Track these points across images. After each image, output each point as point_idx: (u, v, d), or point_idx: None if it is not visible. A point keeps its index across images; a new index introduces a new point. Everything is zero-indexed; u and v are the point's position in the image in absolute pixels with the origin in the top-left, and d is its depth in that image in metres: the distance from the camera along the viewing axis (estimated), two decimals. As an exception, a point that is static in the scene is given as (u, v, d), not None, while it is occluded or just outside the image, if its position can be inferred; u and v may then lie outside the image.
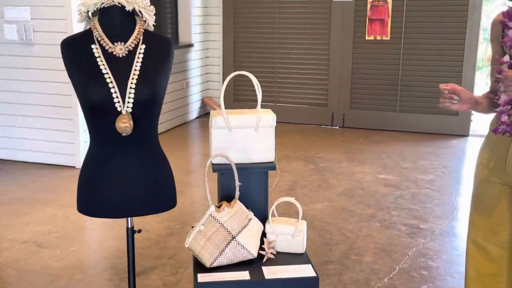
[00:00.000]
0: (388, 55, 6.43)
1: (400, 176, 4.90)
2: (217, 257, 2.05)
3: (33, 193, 4.37)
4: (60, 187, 4.53)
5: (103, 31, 1.88)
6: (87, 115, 1.90)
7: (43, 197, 4.29)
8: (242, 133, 2.19)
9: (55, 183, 4.61)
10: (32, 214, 3.96)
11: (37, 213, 3.99)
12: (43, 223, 3.81)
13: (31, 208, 4.08)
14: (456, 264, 3.29)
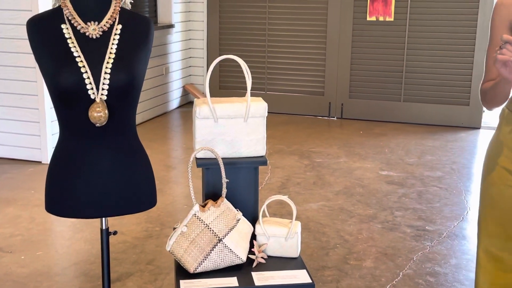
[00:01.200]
0: (391, 38, 6.46)
1: (404, 172, 4.93)
2: (201, 262, 2.06)
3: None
4: (25, 184, 4.51)
5: (74, 9, 1.87)
6: (57, 103, 1.89)
7: (5, 196, 4.27)
8: (229, 124, 2.19)
9: (18, 180, 4.59)
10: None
11: (0, 213, 3.99)
12: (5, 225, 3.79)
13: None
14: (466, 269, 3.31)
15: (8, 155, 5.05)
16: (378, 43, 6.50)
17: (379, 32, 6.48)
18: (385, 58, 6.50)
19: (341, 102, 6.75)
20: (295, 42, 6.78)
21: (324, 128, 6.35)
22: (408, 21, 6.33)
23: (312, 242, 3.61)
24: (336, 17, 6.55)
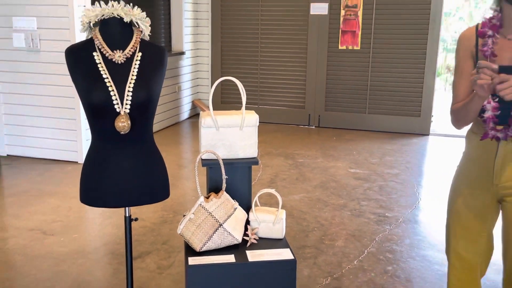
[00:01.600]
0: (358, 63, 6.47)
1: (368, 170, 4.94)
2: (205, 243, 2.05)
3: (39, 186, 4.34)
4: (64, 180, 4.49)
5: (103, 40, 1.88)
6: (89, 115, 1.89)
7: (48, 190, 4.26)
8: (228, 132, 2.19)
9: (59, 177, 4.58)
10: (38, 205, 3.94)
11: (43, 203, 3.96)
12: (48, 213, 3.78)
13: (37, 199, 4.05)
14: (417, 248, 3.32)
15: (51, 156, 5.03)
16: (347, 67, 6.52)
17: (348, 58, 6.49)
18: (353, 79, 6.51)
19: (318, 114, 6.76)
20: (282, 66, 6.79)
21: (304, 135, 6.36)
22: (372, 50, 6.35)
23: (294, 226, 3.62)
24: (314, 46, 6.57)
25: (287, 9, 6.61)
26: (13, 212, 3.80)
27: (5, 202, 4.00)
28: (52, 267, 3.00)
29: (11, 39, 4.87)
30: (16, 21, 4.82)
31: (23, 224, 3.59)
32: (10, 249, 3.23)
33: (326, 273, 2.99)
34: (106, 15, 1.85)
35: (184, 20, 6.73)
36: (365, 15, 6.30)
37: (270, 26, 6.72)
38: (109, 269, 3.00)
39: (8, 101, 5.04)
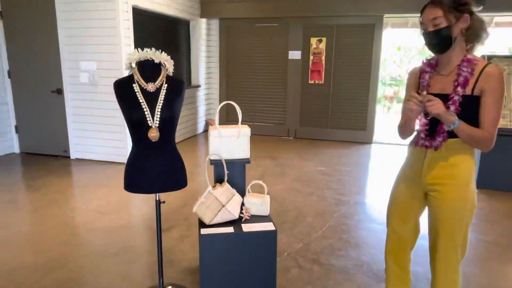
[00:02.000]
0: (322, 93, 6.48)
1: (330, 168, 4.95)
2: (213, 218, 2.05)
3: (98, 180, 4.32)
4: (115, 175, 4.48)
5: (140, 75, 1.89)
6: (130, 128, 1.90)
7: (104, 182, 4.24)
8: (229, 140, 2.20)
9: (111, 173, 4.56)
10: (97, 193, 3.92)
11: (100, 192, 3.94)
12: (102, 199, 3.77)
13: (96, 189, 4.03)
14: (363, 222, 3.32)
15: (105, 159, 5.01)
16: (315, 95, 6.53)
17: (315, 89, 6.51)
18: (319, 104, 6.52)
19: (295, 128, 6.76)
20: (268, 94, 6.79)
21: (285, 143, 6.37)
22: (332, 83, 6.38)
23: (277, 207, 3.61)
24: (291, 81, 6.59)
25: (272, 55, 6.64)
26: (79, 198, 3.78)
27: (74, 191, 3.98)
28: (105, 236, 2.99)
29: (78, 76, 4.87)
30: (82, 64, 4.82)
31: (86, 206, 3.57)
32: (76, 224, 3.21)
33: (299, 240, 2.99)
34: (143, 58, 1.87)
35: (200, 62, 6.74)
36: (327, 59, 6.33)
37: (261, 66, 6.74)
38: (146, 237, 2.99)
39: (76, 120, 5.03)
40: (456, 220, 1.64)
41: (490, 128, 1.56)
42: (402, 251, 1.93)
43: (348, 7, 5.99)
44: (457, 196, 1.64)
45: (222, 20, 6.77)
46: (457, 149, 1.64)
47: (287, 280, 2.44)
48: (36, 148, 5.30)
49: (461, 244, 1.69)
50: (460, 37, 1.60)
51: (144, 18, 5.24)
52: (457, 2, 1.56)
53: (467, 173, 1.64)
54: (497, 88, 1.54)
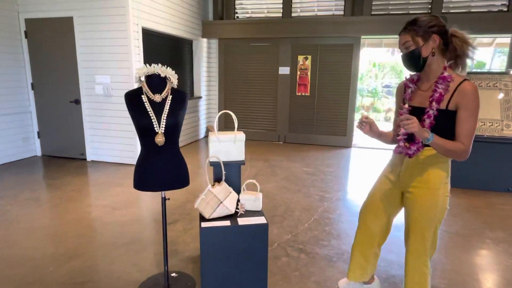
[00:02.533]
0: (308, 103, 6.50)
1: (315, 168, 4.95)
2: (212, 213, 2.04)
3: (111, 179, 4.28)
4: (126, 175, 4.44)
5: (148, 87, 1.88)
6: (139, 134, 1.88)
7: (116, 182, 4.20)
8: (226, 144, 2.19)
9: (123, 174, 4.53)
10: (110, 191, 3.88)
11: (113, 190, 3.91)
12: (116, 196, 3.73)
13: (109, 187, 3.99)
14: (344, 215, 3.33)
15: (118, 161, 4.97)
16: (302, 106, 6.55)
17: (302, 101, 6.52)
18: (305, 113, 6.54)
19: (285, 134, 6.77)
20: (261, 104, 6.80)
21: (276, 147, 6.37)
22: (316, 95, 6.41)
23: (268, 203, 3.60)
24: (281, 93, 6.60)
25: (264, 70, 6.65)
26: (94, 196, 3.74)
27: (89, 189, 3.94)
28: (117, 229, 2.96)
29: (94, 88, 4.84)
30: (97, 78, 4.79)
31: (100, 203, 3.54)
32: (92, 218, 3.18)
33: (288, 232, 2.98)
34: (150, 72, 1.86)
35: (201, 76, 6.74)
36: (312, 74, 6.36)
37: (254, 80, 6.75)
38: (153, 230, 2.97)
39: (92, 127, 4.99)
40: (426, 219, 1.63)
41: (465, 140, 1.52)
42: (370, 245, 1.87)
43: (330, 29, 6.04)
44: (428, 199, 1.61)
45: (221, 40, 6.78)
46: (431, 157, 1.61)
47: (277, 267, 2.44)
48: (56, 151, 5.25)
49: (431, 241, 1.66)
50: (435, 56, 1.56)
51: (152, 38, 5.24)
52: (422, 26, 1.55)
53: (438, 178, 1.61)
54: (471, 103, 1.49)
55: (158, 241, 2.77)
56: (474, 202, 3.77)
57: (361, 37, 6.01)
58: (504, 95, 4.09)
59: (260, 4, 6.58)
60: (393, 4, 5.94)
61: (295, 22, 6.20)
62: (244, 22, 6.46)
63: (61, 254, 2.56)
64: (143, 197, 3.74)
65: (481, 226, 3.16)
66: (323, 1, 6.26)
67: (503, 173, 4.06)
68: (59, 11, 4.76)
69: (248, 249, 2.04)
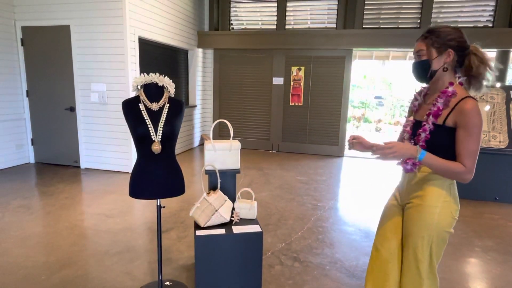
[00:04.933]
0: (301, 113, 6.54)
1: (308, 177, 4.96)
2: (207, 221, 2.02)
3: (105, 187, 4.23)
4: (120, 183, 4.39)
5: (145, 96, 1.87)
6: (136, 142, 1.87)
7: (110, 189, 4.15)
8: (222, 153, 2.19)
9: (117, 181, 4.47)
10: (104, 198, 3.83)
11: (106, 198, 3.85)
12: (109, 203, 3.68)
13: (103, 195, 3.94)
14: (337, 224, 3.32)
15: (112, 168, 4.91)
16: (295, 116, 6.58)
17: (295, 110, 6.56)
18: (299, 122, 6.58)
19: (278, 143, 6.78)
20: (256, 114, 6.82)
21: (269, 156, 6.37)
22: (309, 105, 6.45)
23: (262, 211, 3.59)
24: (275, 103, 6.64)
25: (259, 81, 6.69)
26: (87, 203, 3.68)
27: (82, 197, 3.88)
28: (111, 237, 2.91)
29: (89, 96, 4.80)
30: (93, 86, 4.76)
31: (93, 210, 3.48)
32: (85, 226, 3.12)
33: (282, 240, 2.96)
34: (148, 81, 1.86)
35: (197, 85, 6.74)
36: (305, 85, 6.41)
37: (249, 90, 6.78)
38: (147, 238, 2.92)
39: (87, 134, 4.93)
40: (417, 237, 1.47)
41: (465, 161, 1.37)
42: (383, 274, 1.60)
43: (323, 41, 6.12)
44: (420, 216, 1.47)
45: (216, 50, 6.82)
46: (430, 174, 1.48)
47: (271, 276, 2.41)
48: (50, 158, 5.18)
49: (426, 265, 1.48)
50: (446, 71, 1.46)
51: (149, 47, 5.25)
52: (440, 38, 1.43)
53: (435, 196, 1.46)
54: (469, 122, 1.36)
55: (152, 250, 2.73)
56: (463, 211, 3.80)
57: (352, 49, 6.10)
58: (490, 107, 4.17)
59: (255, 16, 6.66)
60: (383, 18, 6.06)
61: (289, 34, 6.28)
62: (239, 33, 6.52)
63: (53, 263, 2.50)
64: (136, 205, 3.69)
65: (470, 235, 3.18)
66: (316, 14, 6.36)
67: (490, 182, 4.12)
68: (56, 20, 4.75)
69: (243, 257, 2.02)
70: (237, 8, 6.73)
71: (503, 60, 5.75)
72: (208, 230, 2.01)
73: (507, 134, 4.01)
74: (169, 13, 5.59)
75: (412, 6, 5.92)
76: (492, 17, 5.70)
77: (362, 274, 2.46)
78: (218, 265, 2.00)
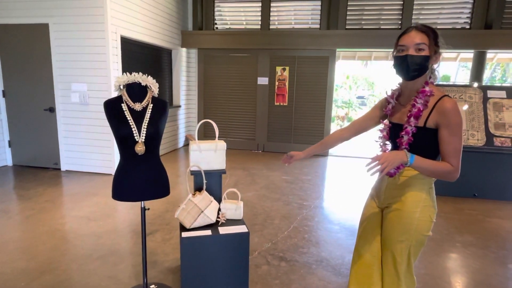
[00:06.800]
0: (286, 113, 6.56)
1: (293, 177, 4.98)
2: (193, 222, 2.00)
3: (87, 189, 4.12)
4: (103, 185, 4.29)
5: (128, 96, 1.83)
6: (119, 143, 1.82)
7: (92, 191, 4.05)
8: (207, 153, 2.16)
9: (99, 183, 4.37)
10: (85, 201, 3.73)
11: (89, 200, 3.76)
12: (92, 206, 3.59)
13: (85, 198, 3.84)
14: (322, 223, 3.34)
15: (94, 170, 4.79)
16: (280, 116, 6.60)
17: (280, 110, 6.58)
18: (283, 122, 6.59)
19: (263, 143, 6.78)
20: (241, 114, 6.80)
21: (255, 156, 6.37)
22: (294, 105, 6.48)
23: (249, 211, 3.57)
24: (260, 103, 6.63)
25: (243, 81, 6.68)
26: (69, 206, 3.58)
27: (63, 200, 3.77)
28: (94, 241, 2.84)
29: (70, 97, 4.67)
30: (74, 86, 4.64)
31: (75, 214, 3.38)
32: (66, 230, 3.03)
33: (268, 240, 2.96)
34: (131, 80, 1.81)
35: (181, 85, 6.67)
36: (290, 85, 6.44)
37: (233, 90, 6.75)
38: (131, 241, 2.87)
39: (67, 136, 4.80)
40: (396, 242, 1.47)
41: (452, 161, 1.36)
42: (367, 278, 1.57)
43: (307, 42, 6.16)
44: (400, 221, 1.46)
45: (200, 50, 6.76)
46: (411, 178, 1.47)
47: (258, 276, 2.40)
48: (28, 161, 5.01)
49: (405, 266, 1.49)
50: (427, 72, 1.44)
51: (131, 46, 5.15)
52: (436, 37, 1.40)
53: (415, 201, 1.45)
54: (452, 122, 1.34)
55: (137, 252, 2.67)
56: (443, 207, 3.90)
57: (336, 49, 6.17)
58: (468, 106, 4.29)
59: (239, 16, 6.64)
60: (366, 19, 6.15)
61: (273, 34, 6.29)
62: (224, 33, 6.49)
63: (33, 269, 2.42)
64: (120, 207, 3.61)
65: (451, 231, 3.26)
66: (300, 14, 6.39)
67: (469, 179, 4.24)
68: (34, 18, 4.60)
69: (229, 258, 2.00)
70: (221, 8, 6.70)
71: (480, 60, 5.94)
72: (194, 231, 1.98)
73: (484, 133, 4.14)
74: (152, 12, 5.50)
75: (393, 8, 6.03)
76: (469, 19, 5.87)
77: (348, 272, 2.49)
78: (204, 266, 1.98)
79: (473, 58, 5.98)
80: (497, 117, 4.20)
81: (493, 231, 3.29)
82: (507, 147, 4.05)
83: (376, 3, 6.07)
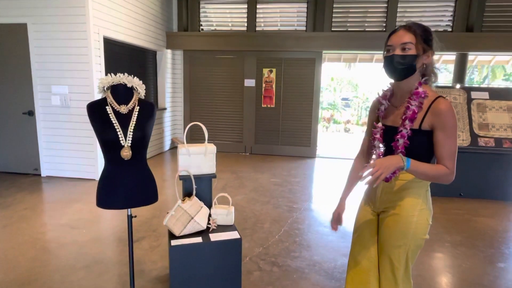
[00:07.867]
0: (273, 115, 6.53)
1: (282, 179, 4.93)
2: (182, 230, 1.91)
3: (69, 196, 3.95)
4: (85, 192, 4.13)
5: (113, 98, 1.74)
6: (103, 148, 1.72)
7: (75, 198, 3.89)
8: (196, 157, 2.09)
9: (82, 190, 4.20)
10: (68, 208, 3.57)
11: (71, 208, 3.60)
12: (75, 214, 3.44)
13: (67, 205, 3.68)
14: (313, 225, 3.31)
15: (76, 176, 4.62)
16: (267, 118, 6.56)
17: (267, 112, 6.54)
18: (271, 124, 6.56)
19: (251, 145, 6.72)
20: (228, 116, 6.73)
21: (242, 159, 6.30)
22: (281, 107, 6.46)
23: (238, 215, 3.50)
24: (247, 105, 6.58)
25: (230, 83, 6.61)
26: (50, 214, 3.41)
27: (44, 207, 3.60)
28: (77, 250, 2.70)
29: (50, 99, 4.49)
30: (54, 88, 4.46)
31: (57, 221, 3.23)
32: (47, 239, 2.88)
33: (259, 244, 2.90)
34: (116, 82, 1.72)
35: (166, 88, 6.54)
36: (277, 86, 6.41)
37: (220, 92, 6.67)
38: (117, 250, 2.75)
39: (48, 140, 4.61)
40: (394, 247, 1.45)
41: (447, 162, 1.34)
42: (364, 284, 1.54)
43: (293, 44, 6.15)
44: (397, 226, 1.44)
45: (185, 52, 6.65)
46: (407, 182, 1.45)
47: (250, 283, 2.34)
48: (6, 166, 4.78)
49: (402, 271, 1.46)
50: (418, 71, 1.40)
51: (115, 47, 5.00)
52: (427, 35, 1.36)
53: (411, 206, 1.43)
54: (446, 123, 1.32)
55: (123, 261, 2.56)
56: (431, 207, 3.94)
57: (322, 51, 6.18)
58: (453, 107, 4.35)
59: (224, 18, 6.57)
60: (351, 22, 6.19)
61: (259, 36, 6.25)
62: (209, 34, 6.40)
63: (10, 281, 2.27)
64: (104, 214, 3.47)
65: (440, 231, 3.28)
66: (286, 16, 6.38)
67: (455, 179, 4.30)
68: (11, 17, 4.40)
69: (221, 266, 1.93)
70: (207, 9, 6.62)
71: (462, 62, 6.06)
72: (184, 239, 1.90)
73: (469, 133, 4.21)
74: (136, 12, 5.37)
75: (378, 10, 6.10)
76: (451, 22, 5.99)
77: (341, 275, 2.45)
78: (195, 275, 1.89)
79: (455, 60, 6.11)
80: (480, 117, 4.27)
81: (481, 230, 3.33)
82: (491, 147, 4.13)
83: (361, 5, 6.12)
